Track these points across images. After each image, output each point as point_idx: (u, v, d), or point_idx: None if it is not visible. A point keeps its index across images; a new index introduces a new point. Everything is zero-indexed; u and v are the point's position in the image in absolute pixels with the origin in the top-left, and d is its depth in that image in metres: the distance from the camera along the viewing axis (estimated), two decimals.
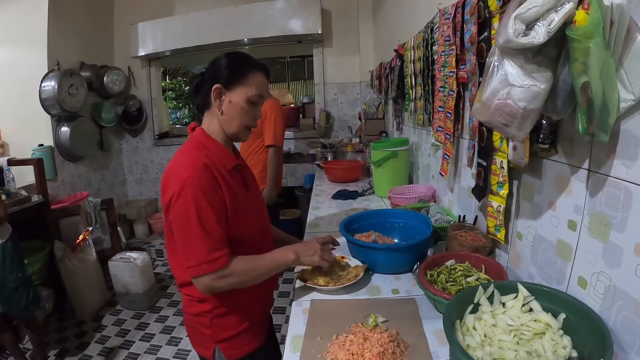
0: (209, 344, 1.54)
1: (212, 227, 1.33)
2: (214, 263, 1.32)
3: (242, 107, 1.44)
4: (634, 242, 0.93)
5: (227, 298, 1.47)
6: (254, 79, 1.45)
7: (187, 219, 1.31)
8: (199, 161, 1.37)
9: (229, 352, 1.54)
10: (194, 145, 1.46)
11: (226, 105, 1.45)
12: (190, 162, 1.37)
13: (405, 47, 3.10)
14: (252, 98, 1.45)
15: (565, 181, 1.20)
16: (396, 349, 1.21)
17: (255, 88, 1.45)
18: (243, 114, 1.46)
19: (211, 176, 1.37)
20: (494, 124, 1.09)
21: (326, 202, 3.13)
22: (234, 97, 1.44)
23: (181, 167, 1.37)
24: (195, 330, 1.58)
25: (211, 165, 1.38)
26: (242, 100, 1.44)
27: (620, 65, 0.90)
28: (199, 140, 1.47)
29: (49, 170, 4.16)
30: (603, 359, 0.87)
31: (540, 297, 1.16)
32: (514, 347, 1.03)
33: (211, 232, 1.33)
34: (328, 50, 5.73)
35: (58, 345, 3.39)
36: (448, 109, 2.03)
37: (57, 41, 4.55)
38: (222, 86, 1.43)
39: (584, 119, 0.89)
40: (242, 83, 1.44)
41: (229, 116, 1.46)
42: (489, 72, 1.03)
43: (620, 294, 0.98)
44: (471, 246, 1.64)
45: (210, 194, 1.34)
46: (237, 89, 1.44)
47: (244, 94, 1.44)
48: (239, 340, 1.54)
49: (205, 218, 1.32)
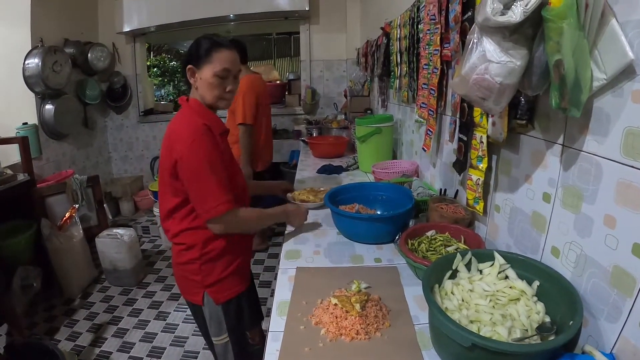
0: (197, 290, 1.74)
1: (224, 176, 1.59)
2: (228, 204, 1.57)
3: (210, 82, 1.63)
4: (603, 213, 0.98)
5: (213, 244, 1.68)
6: (218, 56, 1.61)
7: (201, 170, 1.53)
8: (202, 123, 1.57)
9: (217, 295, 1.73)
10: (194, 111, 1.66)
11: (199, 82, 1.65)
12: (194, 124, 1.57)
13: (391, 25, 3.11)
14: (218, 73, 1.62)
15: (541, 156, 1.25)
16: (378, 312, 1.26)
17: (219, 64, 1.61)
18: (213, 87, 1.64)
19: (212, 135, 1.59)
20: (472, 97, 1.13)
21: (311, 176, 3.17)
22: (203, 74, 1.63)
23: (187, 128, 1.57)
24: (185, 279, 1.77)
25: (210, 127, 1.60)
26: (209, 76, 1.62)
27: (595, 46, 0.94)
28: (195, 108, 1.67)
29: (33, 148, 4.12)
30: (572, 321, 0.92)
31: (516, 265, 1.21)
32: (490, 311, 1.08)
33: (223, 179, 1.58)
34: (315, 27, 5.70)
35: (47, 324, 3.40)
36: (432, 86, 2.07)
37: (41, 17, 4.47)
38: (193, 66, 1.64)
39: (556, 94, 0.93)
40: (207, 61, 1.61)
41: (203, 90, 1.65)
42: (468, 48, 1.07)
43: (591, 262, 1.03)
44: (451, 218, 1.69)
45: (215, 148, 1.58)
46: (205, 67, 1.62)
47: (210, 70, 1.61)
48: (225, 284, 1.74)
49: (216, 168, 1.56)
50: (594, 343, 1.00)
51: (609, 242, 0.96)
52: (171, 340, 3.13)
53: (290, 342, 1.18)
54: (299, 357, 1.12)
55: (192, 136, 1.55)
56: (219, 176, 1.57)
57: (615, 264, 0.94)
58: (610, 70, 0.91)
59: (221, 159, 1.61)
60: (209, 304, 1.75)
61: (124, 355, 2.98)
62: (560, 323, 1.01)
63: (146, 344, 3.11)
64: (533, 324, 1.05)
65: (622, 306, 0.92)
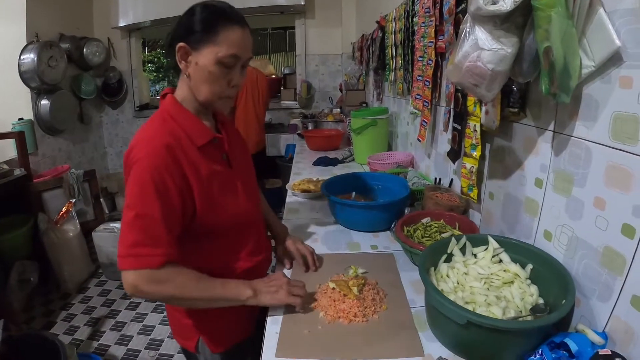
0: (191, 334, 1.40)
1: (152, 220, 1.09)
2: (140, 259, 1.07)
3: (210, 70, 1.17)
4: (593, 196, 1.01)
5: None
6: (227, 36, 1.16)
7: (129, 203, 1.10)
8: (159, 139, 1.15)
9: (213, 343, 1.39)
10: (160, 117, 1.23)
11: (193, 68, 1.19)
12: (149, 139, 1.15)
13: (387, 18, 3.13)
14: (223, 59, 1.16)
15: (533, 142, 1.27)
16: (376, 295, 1.29)
17: (227, 47, 1.16)
18: (212, 79, 1.19)
19: (171, 159, 1.14)
20: (464, 84, 1.16)
21: (307, 168, 3.19)
22: (201, 58, 1.17)
23: (140, 143, 1.15)
24: (175, 318, 1.44)
25: (175, 144, 1.16)
26: (210, 62, 1.16)
27: (583, 35, 0.96)
28: (167, 110, 1.24)
29: (29, 144, 4.12)
30: (565, 301, 0.95)
31: (509, 249, 1.24)
32: (484, 293, 1.11)
33: (149, 224, 1.09)
34: (310, 22, 5.74)
35: (44, 319, 3.40)
36: (426, 77, 2.09)
37: (36, 13, 4.45)
38: (187, 44, 1.17)
39: (546, 80, 0.96)
40: (210, 41, 1.15)
41: (197, 81, 1.20)
42: (461, 37, 1.10)
43: (582, 244, 1.06)
44: (446, 205, 1.71)
45: (162, 181, 1.11)
46: (205, 48, 1.16)
47: (212, 54, 1.16)
48: (223, 330, 1.40)
49: (147, 207, 1.09)
50: (586, 323, 1.02)
51: (599, 224, 0.99)
52: (169, 332, 3.14)
53: (289, 325, 1.20)
54: (299, 339, 1.14)
55: (138, 160, 1.11)
56: (146, 219, 1.08)
57: (606, 245, 0.97)
58: (598, 58, 0.94)
59: (175, 194, 1.13)
60: (205, 352, 1.41)
61: (122, 348, 3.00)
62: (554, 304, 1.04)
63: (144, 336, 3.13)
64: (527, 306, 1.07)
65: (613, 285, 0.94)
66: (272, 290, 1.25)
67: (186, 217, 1.20)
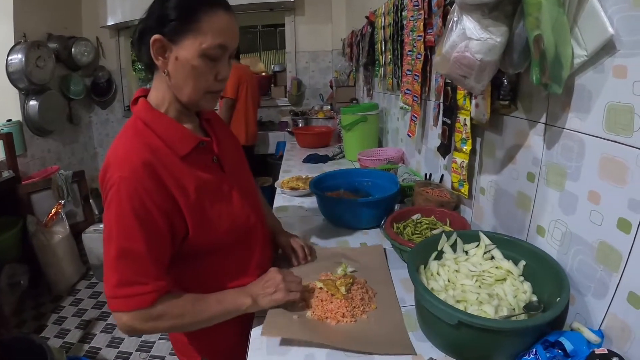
0: (193, 354, 1.32)
1: (136, 254, 0.97)
2: (130, 300, 0.97)
3: (193, 65, 1.02)
4: (587, 189, 0.98)
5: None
6: (211, 23, 1.01)
7: (108, 234, 0.98)
8: (135, 157, 1.00)
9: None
10: (133, 127, 1.07)
11: (173, 64, 1.03)
12: (123, 158, 1.00)
13: (376, 13, 3.11)
14: (209, 51, 1.01)
15: (524, 135, 1.25)
16: (364, 295, 1.26)
17: (212, 36, 1.01)
18: (196, 74, 1.04)
19: (151, 179, 1.00)
20: (453, 76, 1.13)
21: (297, 165, 3.17)
22: (182, 51, 1.01)
23: (114, 163, 1.00)
24: (175, 336, 1.36)
25: (153, 159, 1.02)
26: (193, 56, 1.01)
27: (575, 24, 0.93)
28: (141, 117, 1.08)
29: (18, 145, 4.09)
30: (559, 298, 0.92)
31: (501, 245, 1.21)
32: (476, 291, 1.08)
33: (134, 259, 0.97)
34: (300, 19, 5.71)
35: (35, 322, 3.37)
36: (416, 71, 2.07)
37: (24, 12, 4.40)
38: (164, 37, 1.01)
39: (537, 69, 0.93)
40: (191, 30, 1.00)
41: (178, 79, 1.05)
42: (448, 27, 1.07)
43: (576, 240, 1.03)
44: (437, 201, 1.69)
45: (143, 207, 0.98)
46: (185, 40, 1.00)
47: (195, 45, 1.00)
48: (228, 350, 1.30)
49: (129, 240, 0.97)
50: (581, 320, 1.00)
51: (593, 218, 0.96)
52: (160, 334, 3.11)
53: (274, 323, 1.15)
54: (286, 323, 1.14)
55: (113, 183, 0.97)
56: (129, 254, 0.97)
57: (601, 240, 0.94)
58: (590, 47, 0.91)
59: (158, 218, 1.00)
60: None
61: (113, 351, 2.97)
62: (548, 302, 1.01)
63: (135, 338, 3.10)
64: (520, 304, 1.04)
65: (608, 282, 0.92)
66: (269, 291, 1.16)
67: (177, 240, 1.08)
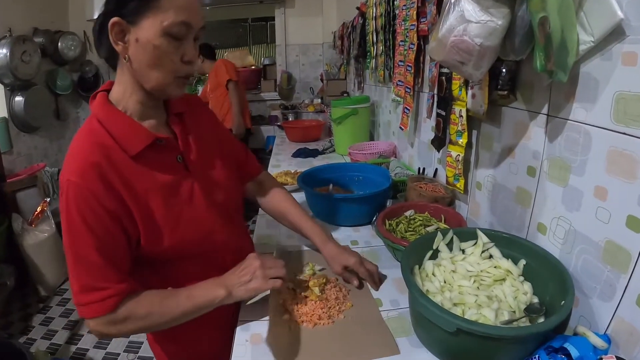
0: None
1: (90, 261, 0.92)
2: (92, 307, 0.93)
3: (155, 44, 0.92)
4: (593, 185, 0.93)
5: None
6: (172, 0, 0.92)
7: (64, 241, 0.94)
8: (83, 158, 0.94)
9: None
10: (88, 125, 1.00)
11: (133, 47, 0.93)
12: (72, 160, 0.95)
13: (367, 4, 3.06)
14: (171, 28, 0.92)
15: (524, 127, 1.20)
16: (339, 293, 1.22)
17: (174, 12, 0.91)
18: (160, 55, 0.94)
19: (99, 181, 0.93)
20: (449, 62, 1.08)
21: (286, 160, 3.10)
22: (142, 32, 0.91)
23: (65, 164, 0.96)
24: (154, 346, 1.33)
25: (102, 160, 0.94)
26: (154, 35, 0.91)
27: (581, 8, 0.88)
28: (96, 114, 1.00)
29: (3, 142, 4.04)
30: (564, 301, 0.87)
31: (500, 243, 1.16)
32: (474, 292, 1.03)
33: (89, 266, 0.93)
34: (290, 11, 5.70)
35: (22, 323, 3.31)
36: (408, 62, 2.02)
37: (9, 6, 4.31)
38: (122, 19, 0.91)
39: (541, 55, 0.87)
40: (151, 7, 0.90)
41: (140, 62, 0.95)
42: (445, 9, 1.01)
43: (581, 238, 0.98)
44: (431, 197, 1.64)
45: (92, 212, 0.92)
46: (145, 19, 0.91)
47: (155, 23, 0.91)
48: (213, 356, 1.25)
49: (81, 247, 0.92)
50: (586, 324, 0.96)
51: (600, 216, 0.91)
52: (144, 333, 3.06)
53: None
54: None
55: (62, 187, 0.92)
56: (83, 259, 0.92)
57: (608, 239, 0.89)
58: (598, 32, 0.85)
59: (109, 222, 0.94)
60: None
61: (101, 352, 2.92)
62: (550, 303, 0.97)
63: (123, 339, 3.04)
64: (520, 305, 1.00)
65: (616, 283, 0.87)
66: (244, 280, 1.06)
67: (132, 244, 1.02)
